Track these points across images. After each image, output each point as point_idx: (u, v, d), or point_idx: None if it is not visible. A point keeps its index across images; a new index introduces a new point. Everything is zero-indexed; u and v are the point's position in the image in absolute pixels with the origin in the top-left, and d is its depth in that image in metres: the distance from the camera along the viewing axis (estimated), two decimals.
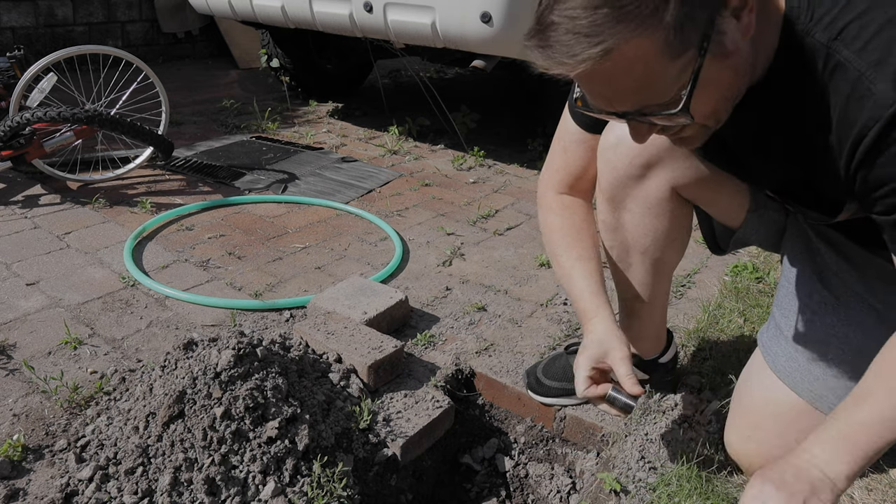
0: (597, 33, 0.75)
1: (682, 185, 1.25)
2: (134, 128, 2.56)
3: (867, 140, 0.83)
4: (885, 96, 0.80)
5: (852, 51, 0.83)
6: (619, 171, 1.25)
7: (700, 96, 0.83)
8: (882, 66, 0.80)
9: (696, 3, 0.77)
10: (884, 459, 1.41)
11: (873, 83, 0.80)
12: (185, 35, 5.69)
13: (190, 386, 1.25)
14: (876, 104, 0.80)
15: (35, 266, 2.06)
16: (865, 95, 0.81)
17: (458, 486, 1.64)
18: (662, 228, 1.29)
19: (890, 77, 0.79)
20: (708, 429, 1.45)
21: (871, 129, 0.82)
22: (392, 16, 2.83)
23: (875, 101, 0.80)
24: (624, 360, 1.15)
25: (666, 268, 1.37)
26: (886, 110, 0.80)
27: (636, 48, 0.76)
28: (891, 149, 0.82)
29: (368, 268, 2.19)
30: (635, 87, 0.82)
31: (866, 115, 0.82)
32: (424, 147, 3.60)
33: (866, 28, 0.82)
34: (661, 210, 1.27)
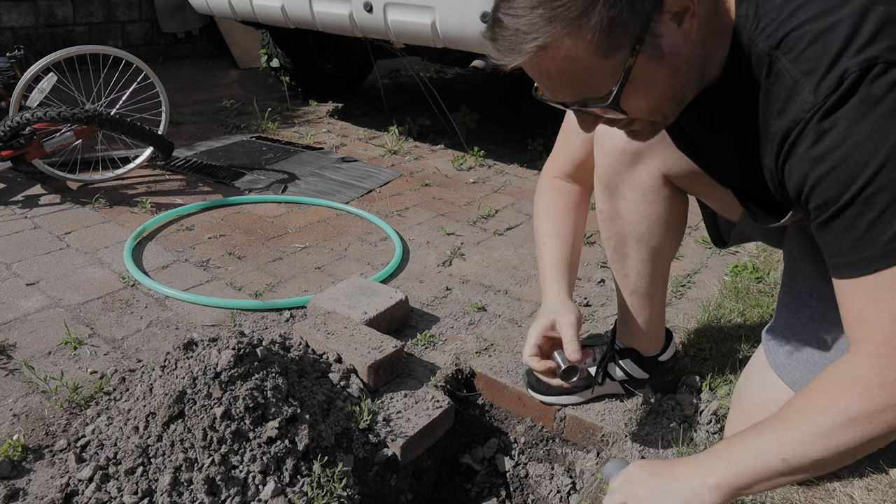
0: (532, 31, 0.83)
1: (673, 173, 1.28)
2: (134, 128, 2.56)
3: (789, 141, 0.89)
4: (807, 101, 0.85)
5: (789, 59, 0.88)
6: (612, 157, 1.31)
7: (636, 94, 0.90)
8: (811, 75, 0.85)
9: (626, 7, 0.82)
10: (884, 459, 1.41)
11: (802, 89, 0.86)
12: (185, 35, 5.69)
13: (190, 386, 1.25)
14: (800, 108, 0.86)
15: (35, 266, 2.06)
16: (795, 101, 0.87)
17: (458, 486, 1.64)
18: (656, 215, 1.32)
19: (814, 85, 0.85)
20: (708, 429, 1.45)
21: (792, 130, 0.88)
22: (392, 16, 2.83)
23: (800, 105, 0.86)
24: (570, 325, 1.24)
25: (662, 258, 1.39)
26: (806, 114, 0.85)
27: (567, 46, 0.83)
28: (804, 149, 0.87)
29: (368, 268, 2.19)
30: (571, 81, 0.89)
31: (791, 117, 0.88)
32: (424, 147, 3.60)
33: (803, 38, 0.86)
34: (654, 197, 1.31)
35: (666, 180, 1.30)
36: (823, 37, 0.85)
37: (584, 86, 0.89)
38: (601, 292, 2.07)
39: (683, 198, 1.36)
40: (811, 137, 0.86)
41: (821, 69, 0.84)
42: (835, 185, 0.86)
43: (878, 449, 0.91)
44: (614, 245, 1.40)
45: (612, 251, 1.42)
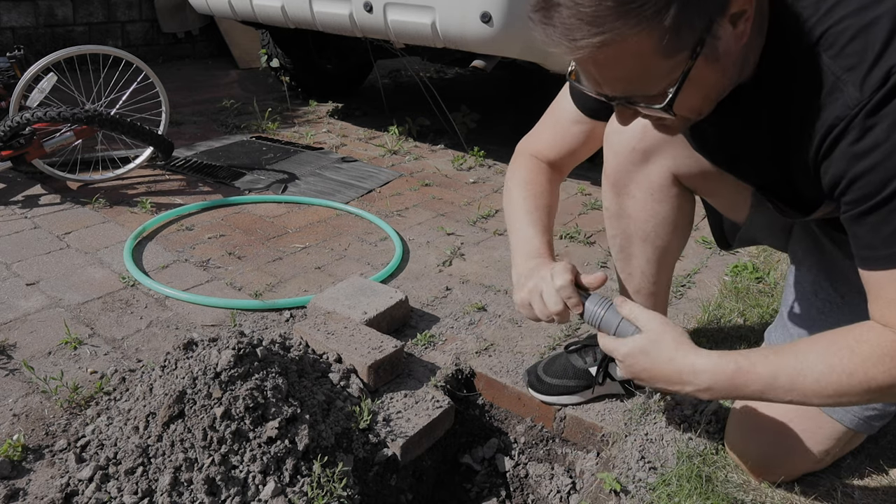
0: (598, 24, 0.78)
1: (682, 173, 1.27)
2: (134, 128, 2.56)
3: (831, 137, 0.88)
4: (852, 98, 0.85)
5: (829, 56, 0.87)
6: (622, 155, 1.29)
7: (685, 94, 0.88)
8: (854, 71, 0.85)
9: (695, 9, 0.80)
10: (884, 459, 1.41)
11: (845, 85, 0.85)
12: (185, 35, 5.69)
13: (190, 386, 1.25)
14: (844, 104, 0.85)
15: (35, 266, 2.05)
16: (838, 97, 0.86)
17: (458, 486, 1.64)
18: (664, 214, 1.32)
19: (860, 81, 0.84)
20: (708, 429, 1.45)
21: (836, 127, 0.87)
22: (392, 16, 2.83)
23: (844, 101, 0.85)
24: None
25: (668, 257, 1.38)
26: (851, 110, 0.85)
27: (633, 44, 0.80)
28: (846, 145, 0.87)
29: (368, 268, 2.19)
30: (626, 78, 0.86)
31: (835, 114, 0.87)
32: (424, 147, 3.60)
33: (843, 34, 0.86)
34: (662, 196, 1.30)
35: (675, 179, 1.29)
36: (865, 32, 0.84)
37: (638, 84, 0.87)
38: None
39: (691, 197, 1.35)
40: (855, 133, 0.85)
41: (864, 65, 0.83)
42: (875, 181, 0.85)
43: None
44: (620, 244, 1.40)
45: (618, 250, 1.42)
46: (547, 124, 1.36)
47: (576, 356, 1.54)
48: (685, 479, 1.28)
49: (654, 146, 1.26)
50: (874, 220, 0.88)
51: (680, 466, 1.31)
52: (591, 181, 3.10)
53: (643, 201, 1.32)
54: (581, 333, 1.82)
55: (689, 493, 1.25)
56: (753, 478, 1.34)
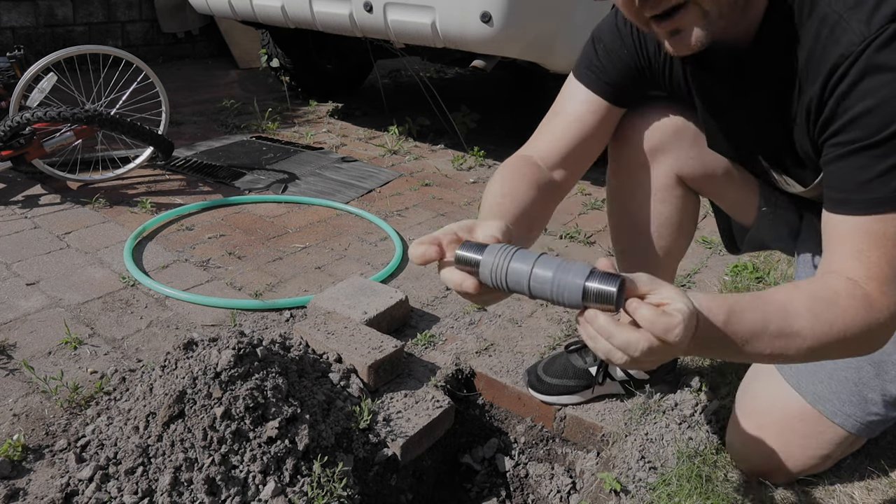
0: None
1: (687, 173, 1.27)
2: (134, 128, 2.56)
3: (837, 75, 0.86)
4: (857, 33, 0.83)
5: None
6: (626, 156, 1.29)
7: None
8: (858, 8, 0.83)
9: None
10: (884, 459, 1.41)
11: (849, 23, 0.83)
12: (185, 35, 5.69)
13: (190, 386, 1.25)
14: (849, 41, 0.83)
15: (35, 266, 2.05)
16: (841, 35, 0.84)
17: (458, 486, 1.64)
18: (667, 214, 1.31)
19: (866, 16, 0.82)
20: (708, 429, 1.45)
21: (841, 65, 0.85)
22: (392, 16, 2.83)
23: (849, 38, 0.83)
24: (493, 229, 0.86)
25: (670, 259, 1.38)
26: (857, 46, 0.82)
27: None
28: (850, 81, 0.84)
29: (368, 268, 2.19)
30: None
31: (839, 51, 0.85)
32: (424, 147, 3.60)
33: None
34: (665, 196, 1.30)
35: (679, 180, 1.29)
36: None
37: None
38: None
39: (695, 199, 1.35)
40: (860, 69, 0.83)
41: (869, 4, 0.82)
42: (874, 122, 0.82)
43: None
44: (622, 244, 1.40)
45: (620, 250, 1.42)
46: (546, 124, 1.25)
47: (576, 356, 1.54)
48: (685, 479, 1.28)
49: (659, 147, 1.26)
50: (857, 162, 0.85)
51: (680, 466, 1.31)
52: (592, 181, 3.10)
53: (647, 201, 1.32)
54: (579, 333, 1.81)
55: (689, 493, 1.25)
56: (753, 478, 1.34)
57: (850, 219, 0.87)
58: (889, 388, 1.20)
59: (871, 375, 1.20)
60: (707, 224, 2.59)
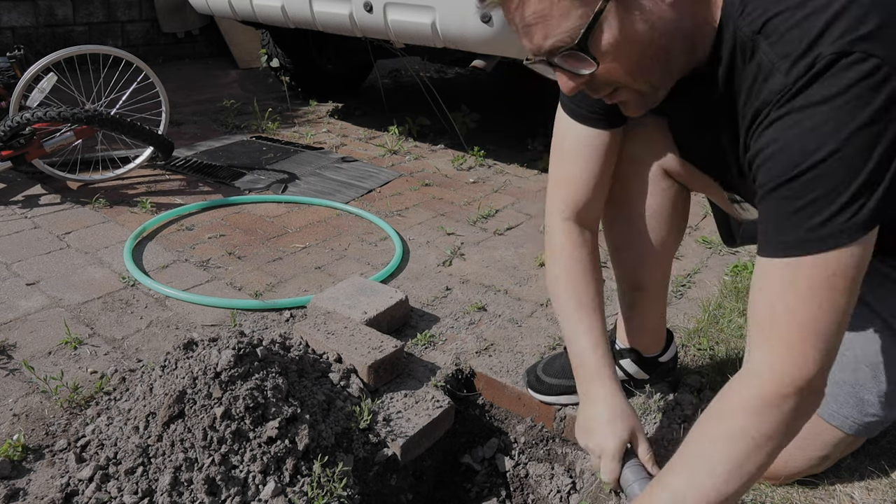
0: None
1: (671, 168, 1.29)
2: (134, 128, 2.56)
3: (756, 121, 0.89)
4: (779, 83, 0.85)
5: (769, 43, 0.88)
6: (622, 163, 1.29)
7: (615, 48, 0.88)
8: (787, 59, 0.85)
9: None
10: (884, 459, 1.41)
11: (777, 72, 0.86)
12: (185, 35, 5.69)
13: (190, 386, 1.25)
14: (771, 90, 0.86)
15: (35, 266, 2.06)
16: (768, 84, 0.87)
17: (458, 486, 1.64)
18: (655, 207, 1.32)
19: (788, 68, 0.84)
20: None
21: (761, 112, 0.88)
22: (392, 16, 2.83)
23: (771, 87, 0.86)
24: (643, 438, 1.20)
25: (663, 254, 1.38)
26: (776, 95, 0.85)
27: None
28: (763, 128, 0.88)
29: (368, 268, 2.19)
30: (542, 17, 0.87)
31: (763, 98, 0.88)
32: (424, 147, 3.60)
33: (785, 23, 0.86)
34: (653, 189, 1.31)
35: (665, 173, 1.30)
36: (805, 21, 0.84)
37: (556, 28, 0.88)
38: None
39: (685, 194, 1.35)
40: (775, 116, 0.86)
41: (796, 53, 0.84)
42: (779, 165, 0.85)
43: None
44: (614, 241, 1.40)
45: (613, 248, 1.42)
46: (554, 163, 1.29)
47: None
48: None
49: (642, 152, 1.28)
50: (775, 203, 0.87)
51: None
52: None
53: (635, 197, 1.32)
54: None
55: None
56: None
57: (765, 261, 0.90)
58: (886, 389, 1.20)
59: (868, 377, 1.20)
60: (707, 224, 2.59)
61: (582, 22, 0.86)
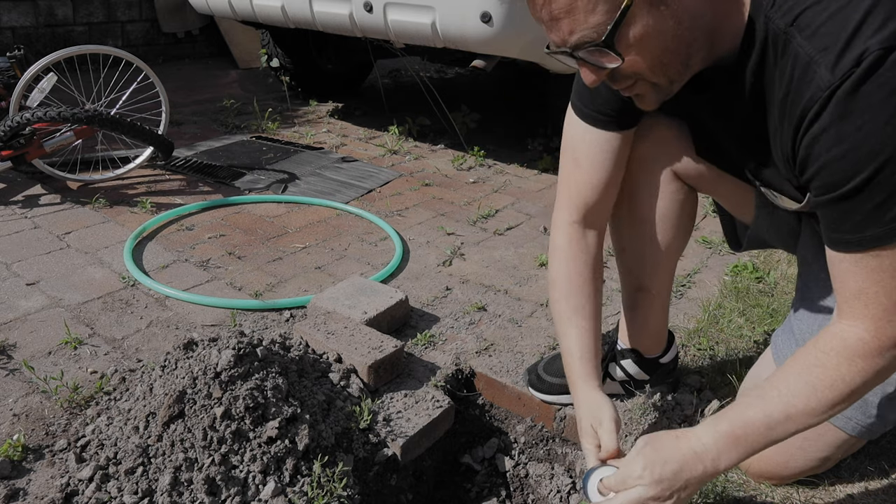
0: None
1: (680, 170, 1.28)
2: (134, 128, 2.56)
3: (806, 119, 0.88)
4: (823, 79, 0.84)
5: (804, 37, 0.87)
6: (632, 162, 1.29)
7: (638, 42, 0.88)
8: (827, 53, 0.84)
9: None
10: (884, 459, 1.41)
11: (819, 67, 0.85)
12: (185, 35, 5.69)
13: (190, 386, 1.25)
14: (817, 86, 0.85)
15: (35, 266, 2.05)
16: (811, 79, 0.86)
17: (458, 486, 1.64)
18: (663, 210, 1.32)
19: (832, 63, 0.84)
20: None
21: (810, 109, 0.87)
22: (392, 16, 2.83)
23: (816, 83, 0.85)
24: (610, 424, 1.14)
25: (669, 256, 1.38)
26: (823, 92, 0.85)
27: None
28: (819, 129, 0.87)
29: (368, 268, 2.19)
30: (567, 10, 0.87)
31: (808, 94, 0.87)
32: (424, 147, 3.60)
33: (819, 15, 0.86)
34: (662, 192, 1.31)
35: (674, 175, 1.30)
36: (840, 14, 0.84)
37: (582, 23, 0.87)
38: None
39: (693, 196, 1.35)
40: (826, 119, 0.85)
41: (837, 46, 0.83)
42: (846, 168, 0.86)
43: None
44: (621, 242, 1.40)
45: (619, 249, 1.42)
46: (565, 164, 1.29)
47: None
48: None
49: (653, 154, 1.27)
50: (848, 204, 0.89)
51: None
52: None
53: (643, 197, 1.32)
54: None
55: None
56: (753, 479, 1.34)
57: (848, 256, 0.92)
58: (890, 391, 1.20)
59: None
60: (707, 224, 2.59)
61: (608, 17, 0.86)
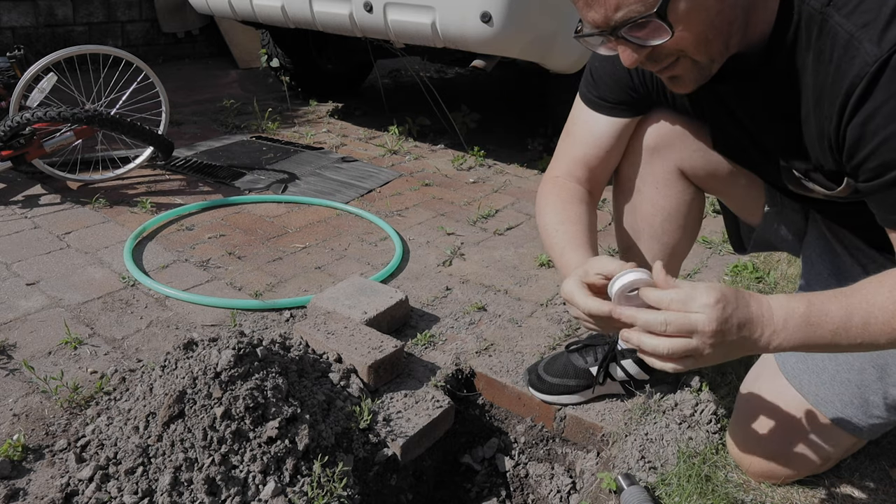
0: None
1: (689, 168, 1.27)
2: (134, 128, 2.56)
3: (854, 97, 0.86)
4: (870, 53, 0.83)
5: (843, 15, 0.86)
6: (633, 153, 1.30)
7: (685, 15, 0.86)
8: (869, 28, 0.83)
9: None
10: (885, 459, 1.41)
11: (861, 43, 0.83)
12: (185, 35, 5.69)
13: (190, 386, 1.25)
14: (863, 62, 0.83)
15: (35, 266, 2.05)
16: (854, 55, 0.84)
17: (458, 486, 1.64)
18: (669, 209, 1.32)
19: (876, 37, 0.82)
20: (708, 429, 1.45)
21: (857, 86, 0.85)
22: (392, 16, 2.83)
23: (862, 59, 0.83)
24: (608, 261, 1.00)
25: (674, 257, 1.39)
26: (871, 67, 0.83)
27: None
28: (872, 106, 0.85)
29: (368, 268, 2.19)
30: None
31: (854, 72, 0.85)
32: (424, 147, 3.60)
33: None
34: (667, 190, 1.31)
35: (681, 174, 1.29)
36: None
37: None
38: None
39: (699, 197, 1.35)
40: (880, 95, 0.83)
41: (881, 20, 0.82)
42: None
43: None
44: (626, 241, 1.40)
45: (624, 248, 1.42)
46: (561, 140, 1.32)
47: (576, 356, 1.54)
48: (685, 479, 1.28)
49: (663, 143, 1.27)
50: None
51: (680, 466, 1.31)
52: None
53: (649, 196, 1.32)
54: (581, 333, 1.82)
55: (689, 493, 1.25)
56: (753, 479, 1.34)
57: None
58: (892, 391, 1.20)
59: (874, 378, 1.20)
60: (707, 224, 2.59)
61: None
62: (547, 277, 2.16)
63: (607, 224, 2.64)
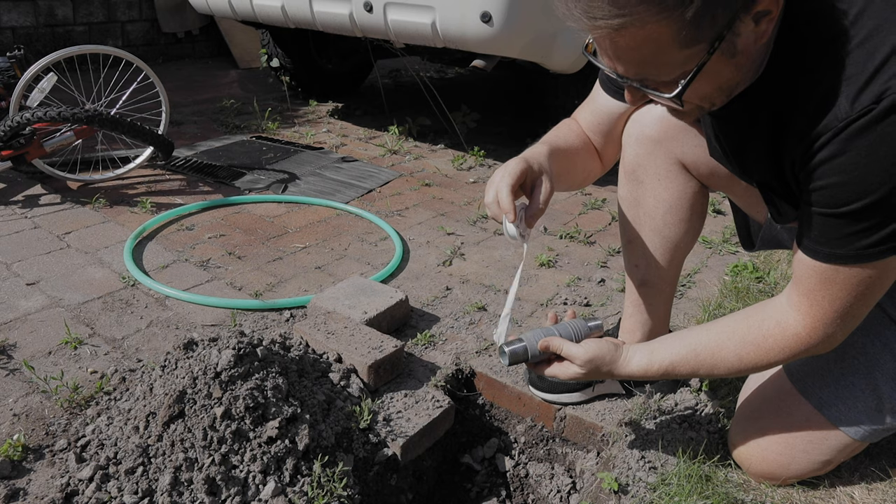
0: (620, 5, 0.79)
1: (690, 162, 1.28)
2: (134, 128, 2.56)
3: (817, 144, 0.90)
4: (843, 110, 0.86)
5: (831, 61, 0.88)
6: (637, 145, 1.32)
7: (697, 84, 0.89)
8: (850, 82, 0.86)
9: (719, 3, 0.80)
10: (885, 459, 1.41)
11: (839, 96, 0.87)
12: (185, 35, 5.69)
13: (190, 386, 1.25)
14: (835, 115, 0.87)
15: (35, 266, 2.05)
16: (831, 106, 0.88)
17: (458, 486, 1.64)
18: (671, 200, 1.33)
19: (852, 94, 0.85)
20: (708, 429, 1.45)
21: (823, 135, 0.89)
22: (392, 15, 2.83)
23: (835, 112, 0.87)
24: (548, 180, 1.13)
25: (675, 251, 1.39)
26: (840, 122, 0.87)
27: (651, 30, 0.81)
28: (826, 155, 0.90)
29: (368, 268, 2.19)
30: (640, 61, 0.87)
31: (824, 122, 0.89)
32: (424, 147, 3.60)
33: (850, 41, 0.87)
34: (668, 182, 1.33)
35: (682, 166, 1.31)
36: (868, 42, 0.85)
37: (651, 69, 0.88)
38: (601, 292, 2.07)
39: (703, 193, 1.36)
40: (837, 147, 0.88)
41: (861, 78, 0.85)
42: (843, 195, 0.90)
43: None
44: (629, 233, 1.41)
45: (627, 240, 1.42)
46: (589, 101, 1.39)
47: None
48: (685, 479, 1.28)
49: (666, 135, 1.29)
50: (832, 222, 0.94)
51: (680, 466, 1.31)
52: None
53: (652, 187, 1.33)
54: None
55: (689, 492, 1.25)
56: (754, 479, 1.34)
57: (812, 261, 1.01)
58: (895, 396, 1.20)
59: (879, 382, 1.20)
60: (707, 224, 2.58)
61: (682, 70, 0.87)
62: (547, 277, 2.16)
63: (608, 224, 2.64)
